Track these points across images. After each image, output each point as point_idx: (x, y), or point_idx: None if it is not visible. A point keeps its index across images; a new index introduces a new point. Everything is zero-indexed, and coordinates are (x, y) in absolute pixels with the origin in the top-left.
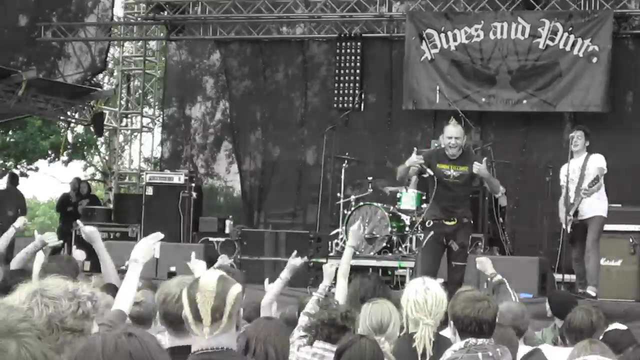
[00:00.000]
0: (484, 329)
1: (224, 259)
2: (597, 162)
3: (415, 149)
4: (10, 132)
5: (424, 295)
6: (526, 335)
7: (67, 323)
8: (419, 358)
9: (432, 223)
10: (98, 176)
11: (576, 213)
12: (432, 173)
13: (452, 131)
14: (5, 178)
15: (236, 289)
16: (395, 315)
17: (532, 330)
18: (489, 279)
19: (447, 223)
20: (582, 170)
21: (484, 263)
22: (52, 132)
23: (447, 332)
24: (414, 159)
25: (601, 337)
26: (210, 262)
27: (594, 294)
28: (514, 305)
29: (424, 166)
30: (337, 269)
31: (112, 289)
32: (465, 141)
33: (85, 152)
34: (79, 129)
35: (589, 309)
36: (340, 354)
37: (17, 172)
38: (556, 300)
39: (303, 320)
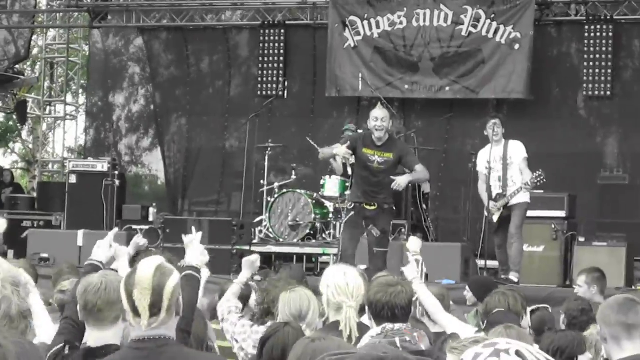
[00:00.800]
0: (397, 313)
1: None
2: (519, 152)
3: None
4: None
5: (344, 278)
6: None
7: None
8: (346, 341)
9: (352, 205)
10: (21, 164)
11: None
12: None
13: (378, 113)
14: None
15: (173, 280)
16: (314, 302)
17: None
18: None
19: (368, 207)
20: (505, 160)
21: (414, 242)
22: None
23: (365, 319)
24: (344, 152)
25: (524, 320)
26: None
27: (516, 280)
28: (435, 288)
29: (350, 159)
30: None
31: None
32: (390, 126)
33: (7, 140)
34: (0, 116)
35: (506, 292)
36: (264, 342)
37: None
38: (477, 286)
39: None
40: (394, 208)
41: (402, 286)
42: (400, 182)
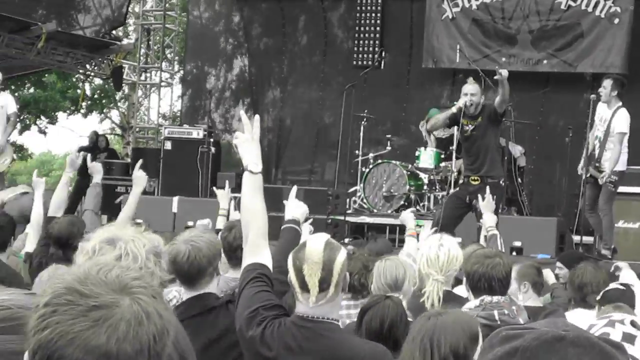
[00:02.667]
0: (494, 285)
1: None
2: (619, 125)
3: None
4: (28, 87)
5: (437, 251)
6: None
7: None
8: None
9: (462, 181)
10: (116, 130)
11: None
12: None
13: (468, 88)
14: None
15: (342, 255)
16: (409, 271)
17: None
18: (486, 231)
19: (473, 182)
20: (608, 126)
21: (490, 217)
22: (71, 86)
23: (462, 290)
24: (462, 102)
25: (599, 297)
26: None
27: (609, 255)
28: (529, 262)
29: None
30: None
31: None
32: (483, 100)
33: (103, 105)
34: (98, 81)
35: (592, 266)
36: (364, 313)
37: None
38: (568, 260)
39: None
40: (501, 183)
41: (500, 258)
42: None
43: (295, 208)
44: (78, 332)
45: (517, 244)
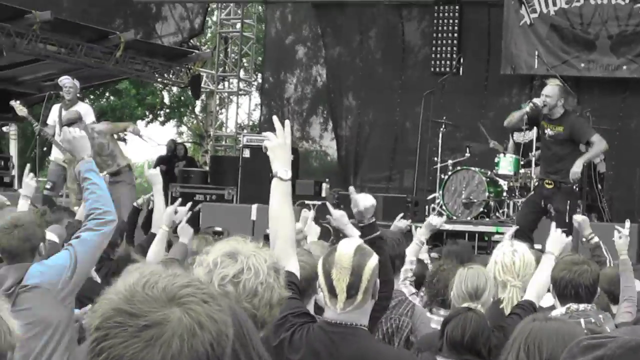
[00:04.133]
0: (581, 293)
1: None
2: None
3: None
4: (107, 96)
5: (512, 257)
6: None
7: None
8: None
9: (537, 184)
10: (193, 138)
11: None
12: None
13: (545, 90)
14: None
15: (373, 261)
16: (490, 281)
17: None
18: (584, 239)
19: (547, 186)
20: None
21: (582, 223)
22: (149, 94)
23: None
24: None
25: None
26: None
27: None
28: (608, 269)
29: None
30: None
31: None
32: (560, 102)
33: (181, 114)
34: (175, 89)
35: None
36: (445, 323)
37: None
38: None
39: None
40: (575, 188)
41: (588, 265)
42: (575, 170)
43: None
44: (132, 355)
45: None
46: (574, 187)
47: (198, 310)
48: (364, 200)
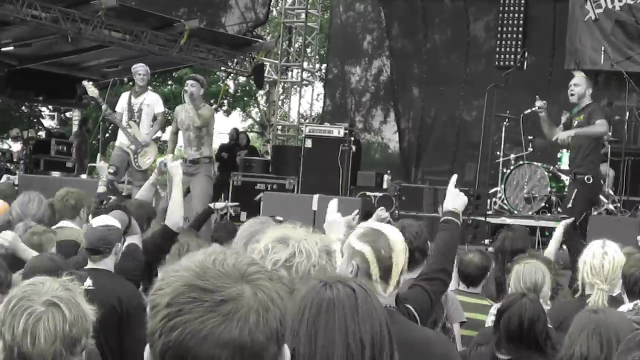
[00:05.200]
0: None
1: (382, 212)
2: None
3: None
4: (170, 84)
5: (601, 260)
6: None
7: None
8: None
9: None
10: (256, 128)
11: None
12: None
13: (574, 80)
14: None
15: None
16: (547, 276)
17: None
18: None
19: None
20: None
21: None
22: (213, 82)
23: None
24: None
25: None
26: (367, 216)
27: None
28: None
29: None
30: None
31: None
32: (589, 92)
33: (245, 103)
34: (242, 79)
35: None
36: (502, 313)
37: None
38: None
39: None
40: (591, 180)
41: None
42: (562, 137)
43: (455, 198)
44: (211, 329)
45: None
46: (586, 178)
47: (269, 287)
48: (452, 201)
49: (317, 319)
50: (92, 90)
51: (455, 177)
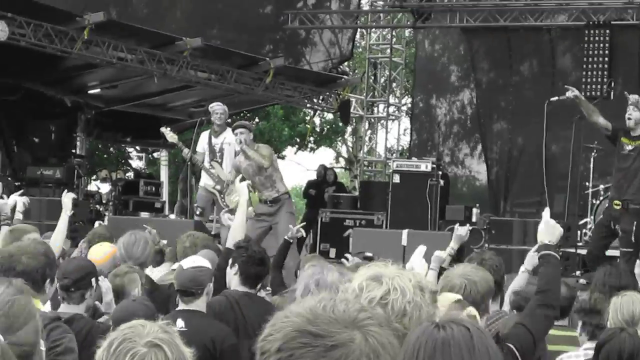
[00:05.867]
0: None
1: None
2: None
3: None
4: (257, 123)
5: None
6: None
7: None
8: None
9: (607, 205)
10: (343, 163)
11: None
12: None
13: (632, 101)
14: None
15: None
16: None
17: None
18: None
19: (615, 207)
20: None
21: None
22: (300, 121)
23: None
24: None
25: None
26: (460, 250)
27: None
28: None
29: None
30: None
31: None
32: None
33: (331, 140)
34: (328, 115)
35: None
36: (600, 348)
37: None
38: None
39: None
40: None
41: None
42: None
43: (551, 230)
44: None
45: None
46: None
47: (379, 333)
48: (545, 234)
49: (432, 358)
50: (170, 135)
51: (548, 210)
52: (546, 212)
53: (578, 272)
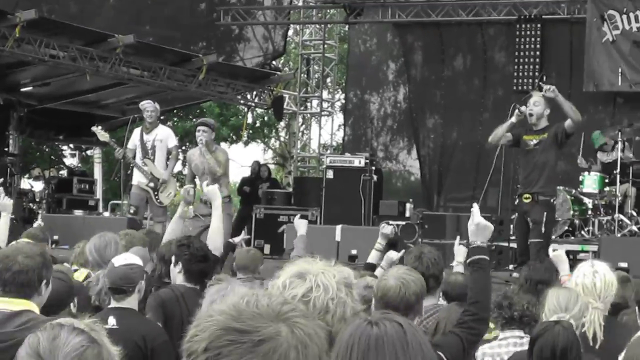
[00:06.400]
0: None
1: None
2: None
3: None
4: (191, 119)
5: (592, 278)
6: None
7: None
8: (590, 342)
9: (517, 201)
10: (275, 158)
11: None
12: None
13: (533, 99)
14: None
15: None
16: (581, 300)
17: None
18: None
19: (525, 200)
20: None
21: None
22: (232, 115)
23: None
24: (517, 113)
25: None
26: (392, 245)
27: None
28: None
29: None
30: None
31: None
32: (547, 112)
33: (265, 135)
34: (259, 110)
35: None
36: (533, 341)
37: None
38: None
39: None
40: (553, 201)
41: None
42: (549, 87)
43: (482, 230)
44: None
45: None
46: (552, 199)
47: (305, 324)
48: (483, 220)
49: (366, 355)
50: (101, 134)
51: (476, 207)
52: (475, 210)
53: (511, 266)
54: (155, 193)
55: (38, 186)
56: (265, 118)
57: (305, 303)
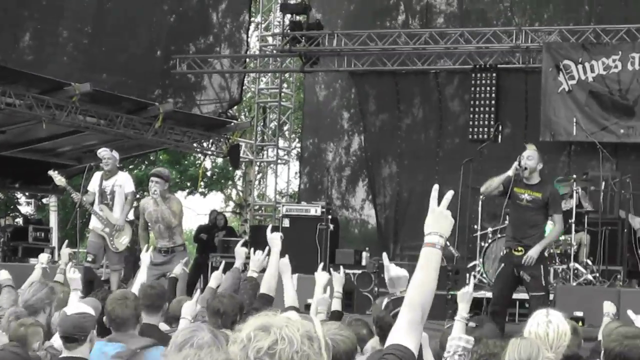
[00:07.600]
0: None
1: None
2: None
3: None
4: (146, 166)
5: (546, 328)
6: None
7: None
8: None
9: (504, 252)
10: (232, 207)
11: None
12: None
13: (525, 152)
14: None
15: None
16: (542, 353)
17: None
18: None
19: (516, 253)
20: None
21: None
22: (191, 164)
23: None
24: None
25: None
26: (348, 293)
27: None
28: None
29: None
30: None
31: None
32: (539, 167)
33: (222, 184)
34: (218, 160)
35: None
36: None
37: None
38: None
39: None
40: (546, 254)
41: None
42: (531, 254)
43: (439, 218)
44: None
45: None
46: (545, 252)
47: None
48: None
49: None
50: (58, 179)
51: (437, 187)
52: (434, 195)
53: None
54: (111, 239)
55: None
56: (223, 170)
57: (270, 356)
